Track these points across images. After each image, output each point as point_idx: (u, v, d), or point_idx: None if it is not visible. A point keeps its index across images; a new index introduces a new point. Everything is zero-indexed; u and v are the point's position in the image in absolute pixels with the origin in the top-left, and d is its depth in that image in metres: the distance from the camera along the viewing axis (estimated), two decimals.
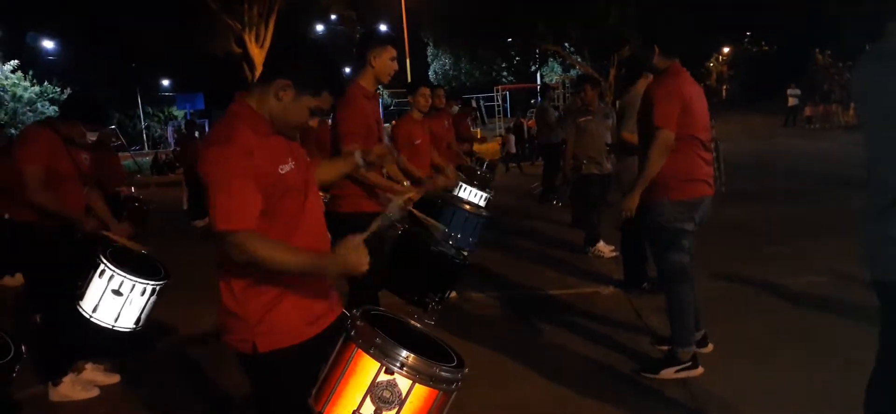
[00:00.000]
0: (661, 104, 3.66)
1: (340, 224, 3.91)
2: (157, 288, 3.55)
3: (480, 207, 5.74)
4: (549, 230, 8.34)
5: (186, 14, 22.80)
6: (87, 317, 3.52)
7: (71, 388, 3.99)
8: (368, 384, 2.02)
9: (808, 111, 24.64)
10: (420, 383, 2.01)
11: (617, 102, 6.54)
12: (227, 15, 23.24)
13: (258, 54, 24.35)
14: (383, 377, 2.01)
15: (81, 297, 3.54)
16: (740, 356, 3.96)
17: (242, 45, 24.53)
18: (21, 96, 28.53)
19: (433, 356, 2.12)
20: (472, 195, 6.20)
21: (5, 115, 27.39)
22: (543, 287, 5.80)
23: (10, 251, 3.89)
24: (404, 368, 1.99)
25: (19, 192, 3.71)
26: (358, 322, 2.08)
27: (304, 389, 2.08)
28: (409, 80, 16.84)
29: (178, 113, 40.54)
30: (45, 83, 30.21)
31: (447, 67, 37.37)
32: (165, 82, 42.81)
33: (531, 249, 7.39)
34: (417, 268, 3.88)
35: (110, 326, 3.51)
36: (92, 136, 3.96)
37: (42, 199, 3.72)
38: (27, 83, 29.20)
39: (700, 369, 3.74)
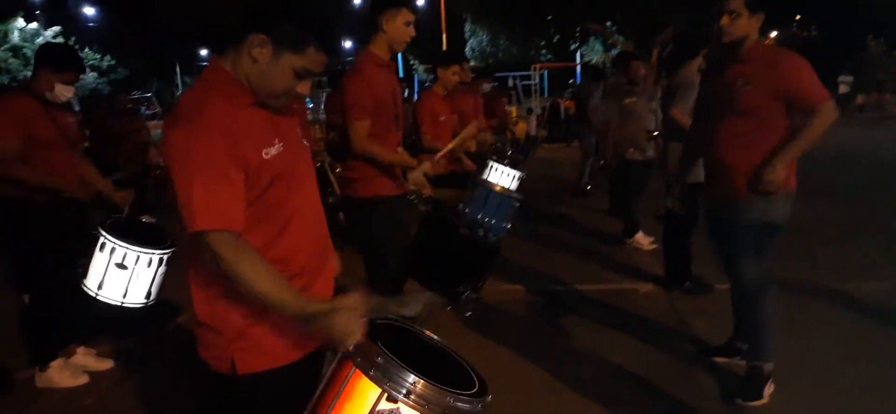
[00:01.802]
0: (807, 73, 3.15)
1: (357, 210, 3.59)
2: (164, 257, 3.22)
3: (512, 189, 5.37)
4: (583, 219, 7.86)
5: None
6: (94, 295, 3.24)
7: (59, 373, 3.74)
8: (368, 412, 1.68)
9: (859, 100, 23.63)
10: None
11: (661, 82, 6.06)
12: None
13: None
14: (385, 405, 1.65)
15: (85, 274, 3.26)
16: (800, 375, 3.46)
17: None
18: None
19: (450, 379, 1.77)
20: (503, 176, 5.83)
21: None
22: (575, 282, 5.39)
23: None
24: (411, 396, 1.63)
25: None
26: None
27: None
28: (444, 50, 16.42)
29: None
30: (86, 50, 30.36)
31: (484, 44, 36.66)
32: (203, 51, 42.93)
33: (562, 238, 6.97)
34: (446, 254, 3.53)
35: (119, 303, 3.21)
36: (66, 92, 3.59)
37: (19, 174, 3.43)
38: None
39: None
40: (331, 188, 5.97)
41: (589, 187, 9.56)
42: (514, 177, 5.83)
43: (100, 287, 3.17)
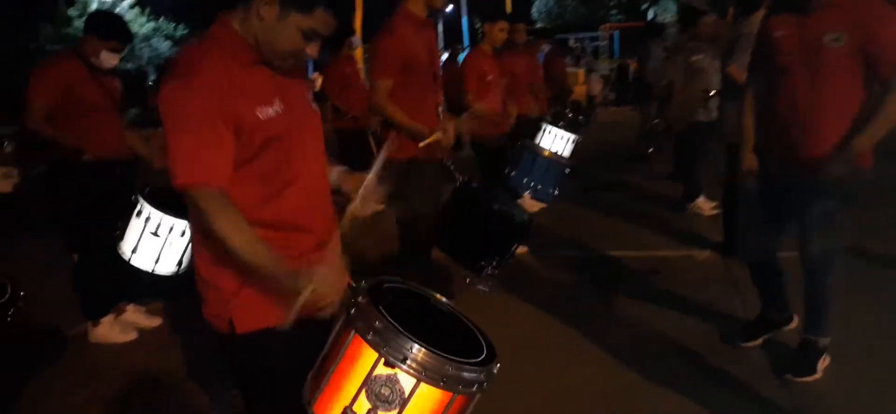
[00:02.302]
0: None
1: (391, 171, 3.52)
2: None
3: (562, 154, 5.22)
4: (645, 183, 7.57)
5: None
6: (127, 260, 3.34)
7: (108, 329, 3.90)
8: (364, 377, 1.62)
9: None
10: (427, 383, 1.60)
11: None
12: None
13: None
14: (382, 370, 1.61)
15: (121, 238, 3.36)
16: (851, 351, 3.22)
17: None
18: (137, 32, 29.64)
19: (456, 347, 1.71)
20: (556, 140, 5.66)
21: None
22: (627, 247, 5.21)
23: (53, 189, 3.76)
24: (408, 362, 1.58)
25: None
26: (360, 299, 1.69)
27: (295, 378, 1.70)
28: (509, 12, 16.11)
29: None
30: (160, 19, 31.24)
31: (551, 5, 35.81)
32: None
33: (620, 203, 6.75)
34: (473, 228, 3.45)
35: (150, 270, 3.29)
36: (111, 59, 3.68)
37: (47, 131, 3.56)
38: (143, 19, 30.27)
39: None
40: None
41: (650, 151, 9.21)
42: (568, 141, 5.67)
43: (134, 252, 3.24)
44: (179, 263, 3.31)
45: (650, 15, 31.58)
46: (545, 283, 4.66)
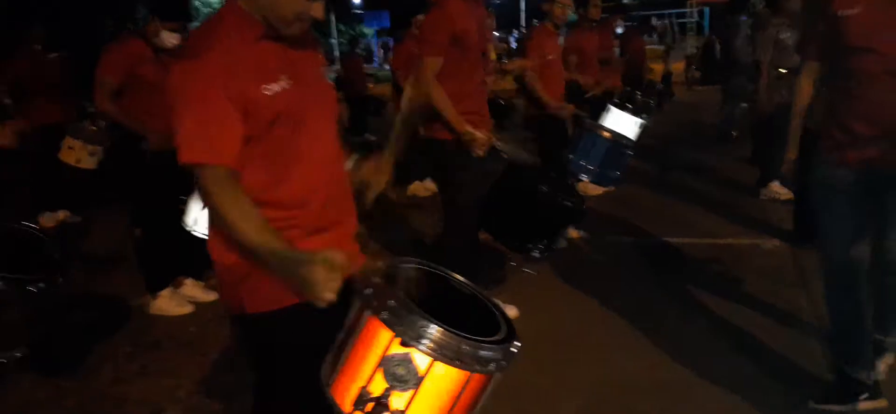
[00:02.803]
0: None
1: (438, 152, 3.48)
2: None
3: (624, 135, 5.05)
4: (722, 167, 7.23)
5: None
6: (190, 229, 3.48)
7: (167, 302, 4.07)
8: (379, 356, 1.61)
9: None
10: (442, 361, 1.57)
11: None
12: None
13: None
14: (397, 350, 1.59)
15: (184, 211, 3.51)
16: None
17: None
18: (210, 2, 30.64)
19: (475, 327, 1.68)
20: (621, 121, 5.49)
21: (198, 24, 29.46)
22: (691, 234, 5.01)
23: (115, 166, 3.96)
24: (423, 341, 1.56)
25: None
26: (375, 279, 1.68)
27: (313, 359, 1.68)
28: None
29: (368, 31, 41.59)
30: None
31: None
32: (355, 0, 44.04)
33: (693, 187, 6.49)
34: (519, 209, 3.39)
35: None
36: (172, 39, 3.80)
37: (109, 109, 3.74)
38: None
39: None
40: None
41: (735, 134, 8.80)
42: (635, 123, 5.48)
43: (195, 223, 3.36)
44: None
45: None
46: (598, 269, 4.55)
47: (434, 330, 1.55)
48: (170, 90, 1.60)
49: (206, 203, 1.64)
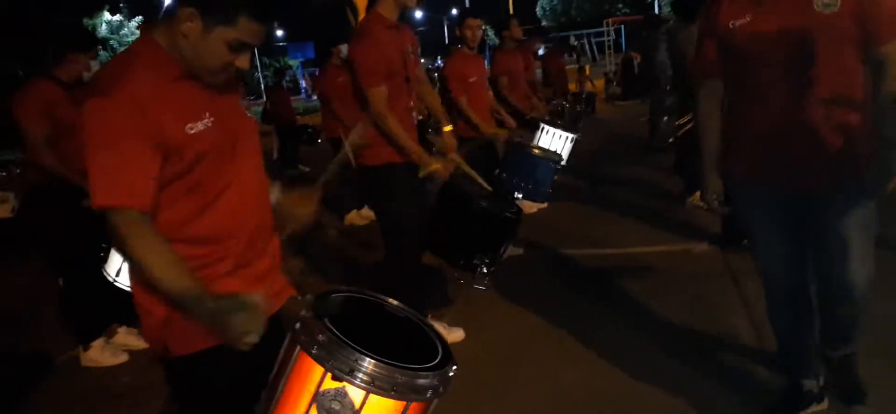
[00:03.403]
0: None
1: (373, 179, 3.46)
2: None
3: (553, 151, 5.16)
4: (649, 178, 7.41)
5: None
6: (112, 281, 3.35)
7: (100, 353, 3.89)
8: (313, 392, 1.57)
9: None
10: (376, 394, 1.54)
11: None
12: None
13: None
14: (330, 385, 1.55)
15: (105, 259, 3.38)
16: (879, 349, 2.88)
17: None
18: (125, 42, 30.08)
19: (411, 352, 1.65)
20: (554, 139, 5.60)
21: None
22: (623, 244, 5.12)
23: (31, 214, 3.74)
24: (355, 374, 1.52)
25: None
26: (303, 312, 1.63)
27: (240, 397, 1.65)
28: (512, 12, 15.92)
29: (293, 62, 41.39)
30: None
31: (555, 3, 35.73)
32: (279, 32, 43.81)
33: (622, 199, 6.64)
34: (461, 226, 3.40)
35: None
36: (95, 66, 3.69)
37: (48, 161, 3.53)
38: None
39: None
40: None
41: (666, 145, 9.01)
42: (567, 139, 5.60)
43: (118, 274, 3.23)
44: None
45: (656, 7, 31.39)
46: (539, 282, 4.58)
47: (367, 362, 1.52)
48: (81, 128, 1.54)
49: (120, 248, 1.58)
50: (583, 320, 3.79)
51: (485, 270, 3.43)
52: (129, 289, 3.14)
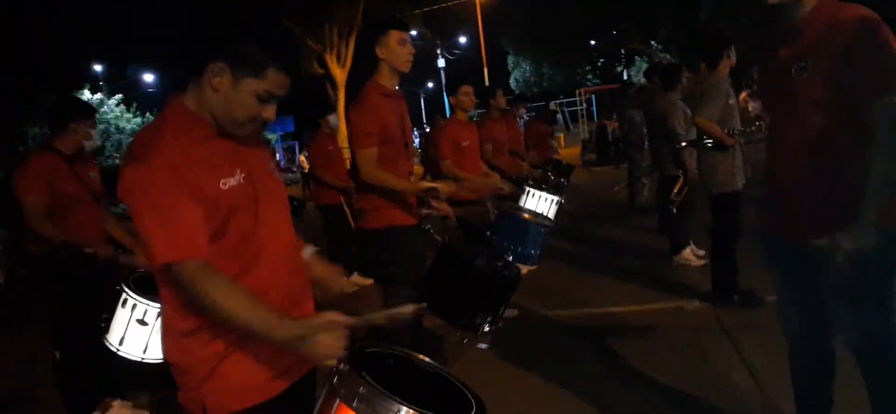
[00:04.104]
0: (887, 53, 2.05)
1: (372, 242, 3.52)
2: None
3: (542, 214, 5.25)
4: (633, 239, 7.58)
5: (271, 39, 23.30)
6: (115, 350, 3.30)
7: None
8: None
9: None
10: None
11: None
12: (309, 37, 23.78)
13: (340, 74, 24.95)
14: None
15: (107, 329, 3.33)
16: None
17: (324, 65, 24.99)
18: (124, 128, 30.02)
19: (444, 406, 1.68)
20: (539, 202, 5.71)
21: (111, 146, 28.86)
22: (617, 303, 5.19)
23: (31, 285, 3.71)
24: None
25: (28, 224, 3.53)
26: (341, 366, 1.67)
27: None
28: (487, 84, 16.34)
29: (272, 136, 41.58)
30: (147, 114, 31.67)
31: (528, 74, 36.68)
32: None
33: (609, 260, 6.75)
34: (461, 286, 3.43)
35: (139, 359, 3.23)
36: (95, 135, 3.76)
37: (47, 231, 3.52)
38: (130, 114, 30.73)
39: None
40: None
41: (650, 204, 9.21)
42: (552, 202, 5.72)
43: (121, 343, 3.19)
44: None
45: (625, 76, 32.36)
46: (534, 344, 4.61)
47: (407, 412, 1.55)
48: (127, 196, 1.59)
49: (191, 298, 1.61)
50: (579, 380, 3.80)
51: (487, 329, 3.44)
52: (132, 357, 3.16)
